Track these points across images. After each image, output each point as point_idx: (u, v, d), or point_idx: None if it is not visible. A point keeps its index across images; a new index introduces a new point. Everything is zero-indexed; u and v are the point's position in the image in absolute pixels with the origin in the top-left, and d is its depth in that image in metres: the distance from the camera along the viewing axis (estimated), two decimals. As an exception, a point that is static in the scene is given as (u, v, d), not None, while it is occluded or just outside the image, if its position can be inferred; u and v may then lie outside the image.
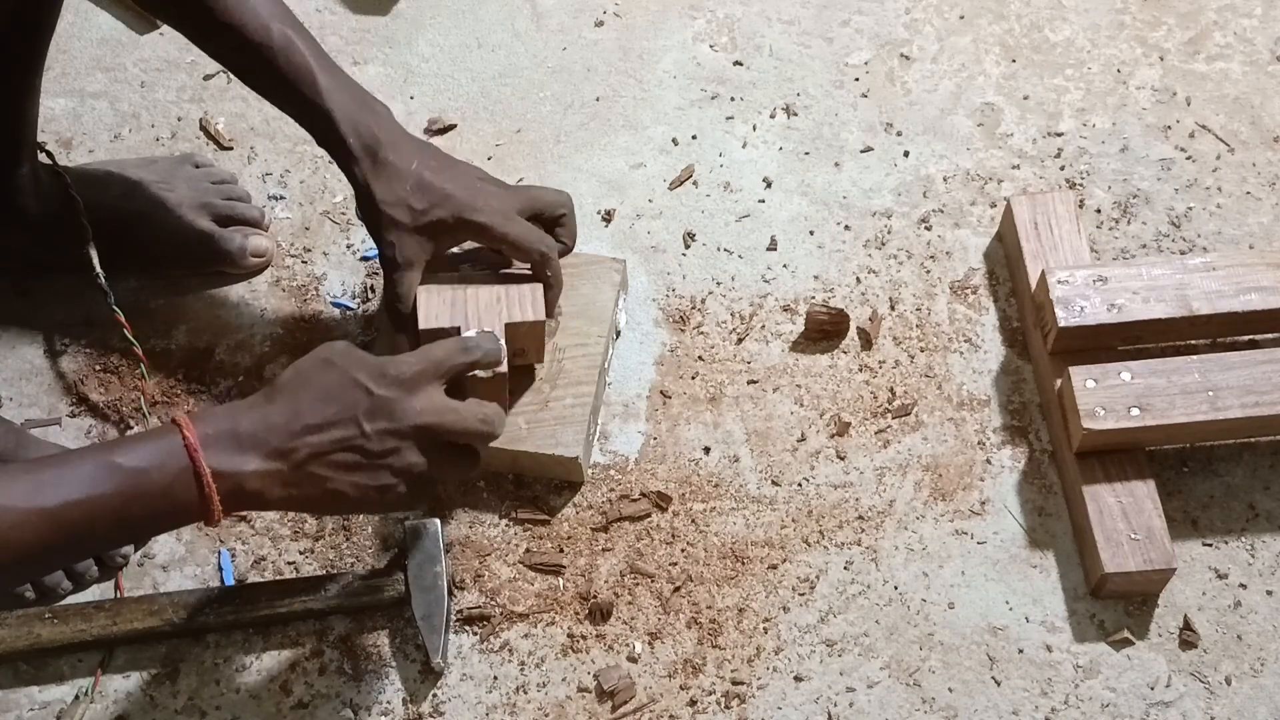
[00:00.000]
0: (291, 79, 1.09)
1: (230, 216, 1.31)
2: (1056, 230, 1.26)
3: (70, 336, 1.30)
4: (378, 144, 1.10)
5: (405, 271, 1.12)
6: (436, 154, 1.14)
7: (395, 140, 1.11)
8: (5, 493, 0.81)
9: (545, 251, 1.14)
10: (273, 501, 0.90)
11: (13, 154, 1.22)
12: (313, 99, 1.09)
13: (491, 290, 1.15)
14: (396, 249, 1.11)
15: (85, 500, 0.83)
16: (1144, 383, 1.14)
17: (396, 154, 1.10)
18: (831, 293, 1.30)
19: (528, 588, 1.16)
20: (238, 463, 0.88)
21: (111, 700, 1.13)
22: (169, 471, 0.86)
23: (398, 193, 1.10)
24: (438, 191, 1.11)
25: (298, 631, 1.15)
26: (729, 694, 1.12)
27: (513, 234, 1.12)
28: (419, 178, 1.10)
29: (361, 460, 0.91)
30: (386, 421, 0.91)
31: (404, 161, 1.10)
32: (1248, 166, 1.36)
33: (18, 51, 1.16)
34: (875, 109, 1.41)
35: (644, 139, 1.40)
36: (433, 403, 0.94)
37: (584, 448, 1.18)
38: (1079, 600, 1.14)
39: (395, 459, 0.92)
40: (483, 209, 1.12)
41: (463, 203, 1.11)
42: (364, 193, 1.11)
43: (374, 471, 0.92)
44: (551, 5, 1.49)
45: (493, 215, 1.12)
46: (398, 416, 0.92)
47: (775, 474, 1.21)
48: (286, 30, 1.08)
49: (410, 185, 1.10)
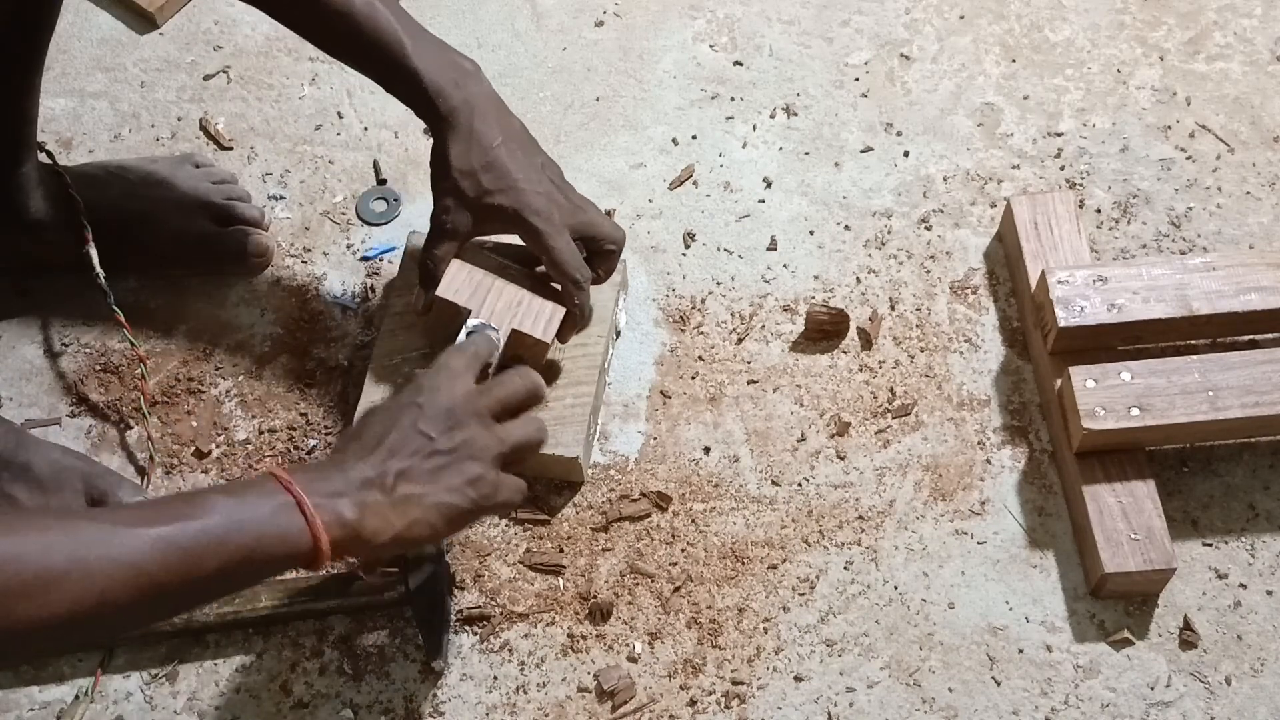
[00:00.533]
0: (377, 42, 1.08)
1: (230, 216, 1.31)
2: (1056, 230, 1.26)
3: (70, 336, 1.30)
4: (466, 108, 1.09)
5: (446, 239, 1.12)
6: (521, 136, 1.13)
7: (485, 109, 1.10)
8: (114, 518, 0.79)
9: (580, 280, 1.13)
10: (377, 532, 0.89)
11: (13, 154, 1.22)
12: (399, 60, 1.08)
13: (516, 293, 1.15)
14: (449, 215, 1.11)
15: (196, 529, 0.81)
16: (1144, 383, 1.14)
17: (484, 125, 1.09)
18: (831, 293, 1.30)
19: (528, 588, 1.16)
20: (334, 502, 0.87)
21: (111, 700, 1.13)
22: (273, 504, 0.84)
23: (472, 164, 1.09)
24: (509, 178, 1.10)
25: (298, 631, 1.15)
26: (729, 694, 1.12)
27: (557, 250, 1.12)
28: (496, 157, 1.10)
29: (443, 460, 0.93)
30: (441, 412, 0.94)
31: (488, 136, 1.09)
32: (1248, 166, 1.36)
33: (18, 51, 1.16)
34: (875, 109, 1.41)
35: (644, 139, 1.40)
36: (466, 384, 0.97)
37: (584, 448, 1.18)
38: (1079, 600, 1.14)
39: (471, 446, 0.94)
40: (543, 213, 1.11)
41: (525, 200, 1.10)
42: (441, 154, 1.10)
43: (459, 465, 0.93)
44: (551, 5, 1.49)
45: (549, 224, 1.11)
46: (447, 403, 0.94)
47: (775, 474, 1.21)
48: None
49: (486, 161, 1.09)
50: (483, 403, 0.97)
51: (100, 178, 1.30)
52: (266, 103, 1.44)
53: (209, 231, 1.30)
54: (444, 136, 1.10)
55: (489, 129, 1.10)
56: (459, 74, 1.10)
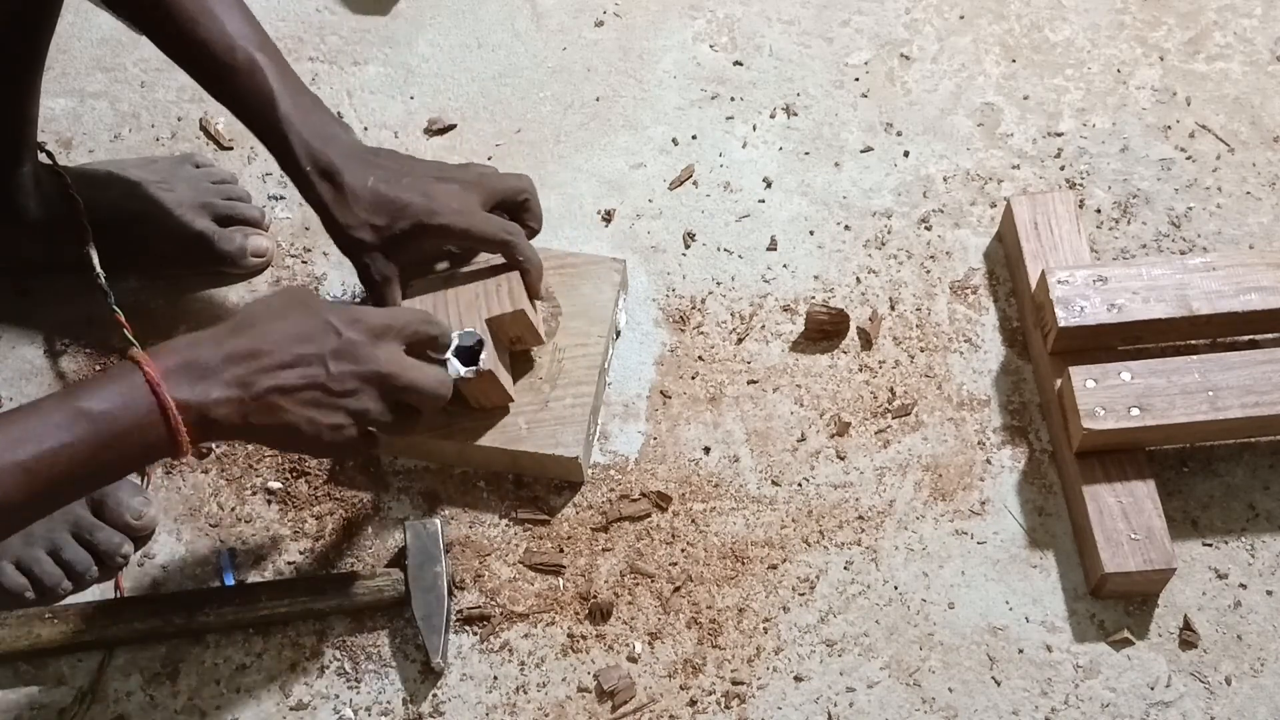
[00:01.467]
0: (253, 103, 1.09)
1: (230, 216, 1.31)
2: (1056, 230, 1.26)
3: (70, 336, 1.30)
4: (333, 169, 1.10)
5: (385, 288, 1.14)
6: (390, 162, 1.14)
7: (349, 162, 1.11)
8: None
9: (508, 237, 1.14)
10: (233, 429, 0.93)
11: (13, 154, 1.22)
12: (272, 124, 1.09)
13: (471, 288, 1.16)
14: (371, 268, 1.13)
15: (58, 449, 0.85)
16: (1144, 383, 1.14)
17: (351, 175, 1.11)
18: (831, 293, 1.30)
19: (528, 588, 1.16)
20: (200, 392, 0.90)
21: (112, 700, 1.13)
22: (136, 411, 0.88)
23: (358, 215, 1.11)
24: (395, 204, 1.11)
25: (298, 631, 1.15)
26: (729, 694, 1.12)
27: (474, 228, 1.13)
28: (375, 194, 1.11)
29: (321, 397, 0.95)
30: (351, 364, 0.96)
31: (358, 181, 1.11)
32: (1248, 166, 1.36)
33: (18, 51, 1.16)
34: (875, 109, 1.41)
35: (644, 139, 1.40)
36: (396, 355, 1.00)
37: (584, 448, 1.18)
38: (1079, 600, 1.14)
39: (352, 401, 0.97)
40: (440, 211, 1.12)
41: (420, 209, 1.11)
42: (327, 218, 1.12)
43: (329, 411, 0.96)
44: (551, 5, 1.49)
45: (450, 215, 1.12)
46: (363, 360, 0.97)
47: (775, 474, 1.21)
48: (251, 52, 1.08)
49: (368, 204, 1.11)
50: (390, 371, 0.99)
51: (100, 178, 1.30)
52: (266, 103, 1.44)
53: (209, 231, 1.30)
54: (322, 202, 1.11)
55: (357, 176, 1.11)
56: (324, 140, 1.11)
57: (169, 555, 1.19)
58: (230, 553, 1.19)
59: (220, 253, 1.31)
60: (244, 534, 1.20)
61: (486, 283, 1.16)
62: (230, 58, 1.08)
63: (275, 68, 1.10)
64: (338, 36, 1.47)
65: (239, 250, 1.30)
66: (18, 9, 1.12)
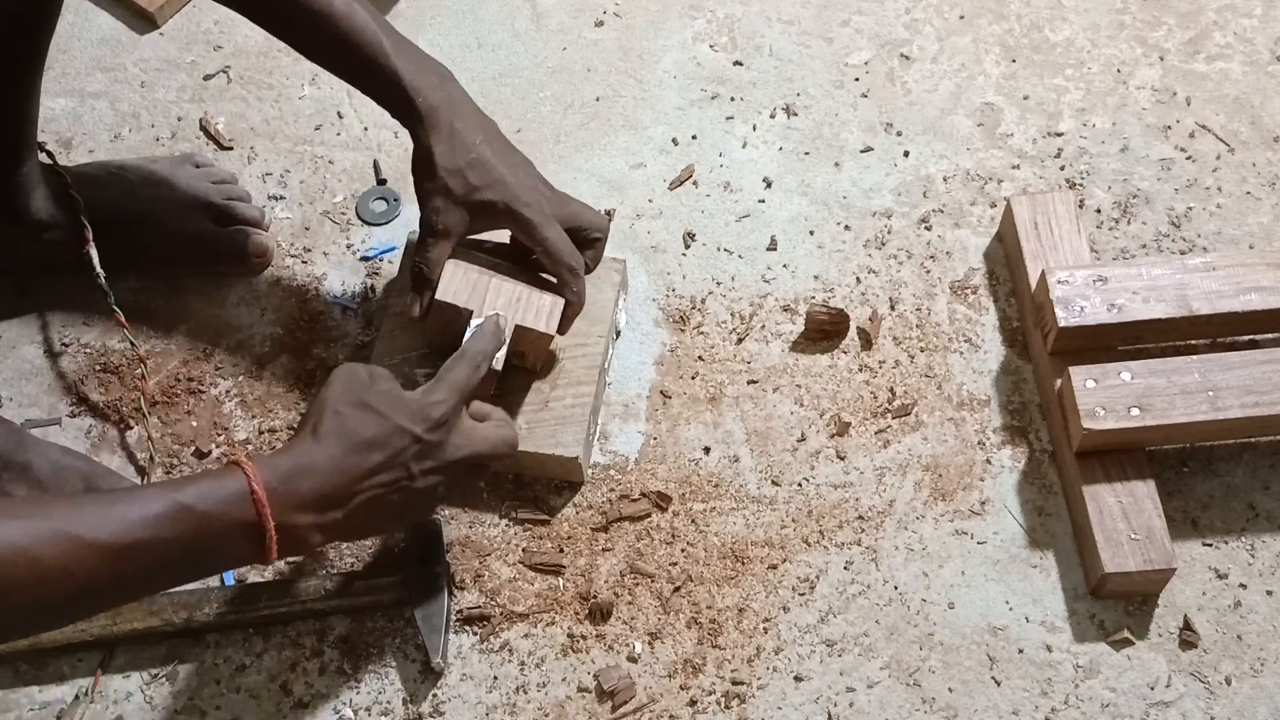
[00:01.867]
0: (356, 43, 1.08)
1: (231, 216, 1.31)
2: (1056, 230, 1.26)
3: (70, 336, 1.30)
4: (446, 109, 1.10)
5: (440, 240, 1.13)
6: (500, 136, 1.14)
7: (464, 110, 1.11)
8: (73, 522, 0.81)
9: (575, 267, 1.14)
10: (321, 544, 0.95)
11: (13, 154, 1.22)
12: (379, 61, 1.08)
13: (515, 288, 1.15)
14: (440, 215, 1.12)
15: (151, 540, 0.84)
16: (1144, 383, 1.14)
17: (464, 124, 1.10)
18: (831, 293, 1.30)
19: (528, 588, 1.16)
20: (297, 517, 0.91)
21: (111, 700, 1.13)
22: (235, 521, 0.88)
23: (458, 162, 1.10)
24: (495, 173, 1.11)
25: (298, 631, 1.15)
26: (729, 694, 1.12)
27: (551, 240, 1.13)
28: (481, 154, 1.11)
29: (404, 496, 0.97)
30: (432, 462, 0.97)
31: (470, 134, 1.10)
32: (1248, 166, 1.36)
33: (18, 51, 1.16)
34: (875, 109, 1.41)
35: (644, 139, 1.40)
36: (468, 438, 1.00)
37: (584, 448, 1.18)
38: (1079, 600, 1.14)
39: (433, 491, 0.99)
40: (531, 205, 1.12)
41: (514, 193, 1.11)
42: (424, 154, 1.11)
43: (416, 501, 0.98)
44: (551, 5, 1.49)
45: (540, 215, 1.12)
46: (443, 456, 0.98)
47: (775, 474, 1.21)
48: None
49: (471, 159, 1.10)
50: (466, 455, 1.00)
51: (101, 178, 1.30)
52: (266, 103, 1.44)
53: (209, 231, 1.30)
54: (425, 137, 1.10)
55: (469, 127, 1.11)
56: (437, 75, 1.11)
57: (169, 555, 1.19)
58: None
59: (221, 253, 1.31)
60: (244, 534, 1.20)
61: (532, 292, 1.15)
62: (326, 6, 1.07)
63: (370, 12, 1.09)
64: (338, 36, 1.47)
65: (239, 250, 1.30)
66: (18, 9, 1.12)
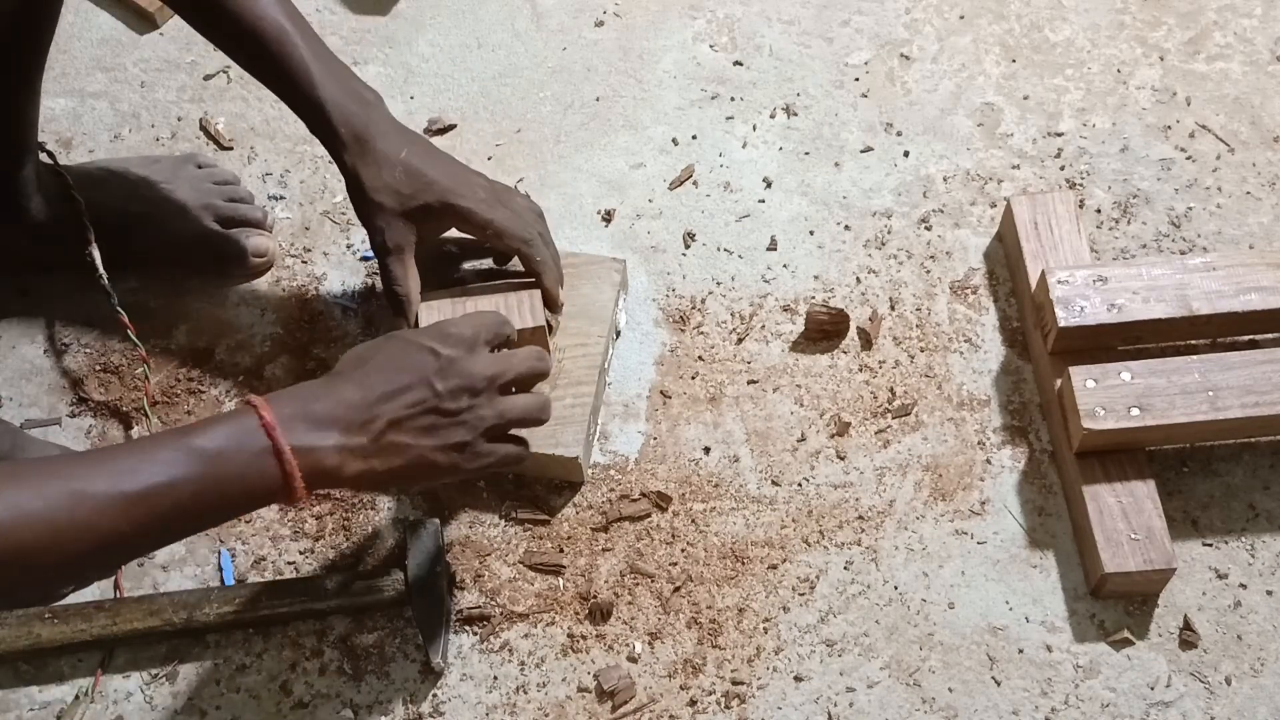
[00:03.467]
0: (285, 70, 1.10)
1: (233, 218, 1.31)
2: (1056, 230, 1.26)
3: (71, 336, 1.30)
4: (367, 133, 1.11)
5: (396, 256, 1.14)
6: (425, 144, 1.16)
7: (385, 129, 1.13)
8: (87, 479, 0.81)
9: (529, 238, 1.16)
10: (355, 476, 0.92)
11: (14, 154, 1.22)
12: (305, 90, 1.10)
13: (491, 300, 1.16)
14: (385, 234, 1.14)
15: (167, 484, 0.83)
16: (1144, 383, 1.14)
17: (385, 142, 1.12)
18: (831, 293, 1.30)
19: (528, 588, 1.16)
20: (316, 439, 0.89)
21: (111, 700, 1.13)
22: (249, 451, 0.87)
23: (385, 179, 1.12)
24: (424, 178, 1.13)
25: (298, 631, 1.15)
26: (729, 694, 1.12)
27: (497, 220, 1.14)
28: (407, 165, 1.12)
29: (439, 420, 0.95)
30: (458, 379, 0.97)
31: (393, 149, 1.12)
32: (1248, 166, 1.36)
33: (18, 52, 1.16)
34: (875, 109, 1.41)
35: (644, 139, 1.40)
36: (492, 356, 1.01)
37: (584, 448, 1.18)
38: (1079, 600, 1.14)
39: (470, 415, 0.97)
40: (466, 195, 1.14)
41: (448, 188, 1.13)
42: (353, 180, 1.13)
43: (452, 429, 0.96)
44: (551, 5, 1.49)
45: (476, 202, 1.14)
46: (467, 372, 0.97)
47: (775, 474, 1.21)
48: (281, 20, 1.09)
49: (398, 172, 1.12)
50: (494, 372, 0.99)
51: (102, 178, 1.30)
52: (266, 103, 1.44)
53: (211, 232, 1.30)
54: (352, 165, 1.12)
55: (391, 144, 1.12)
56: (359, 103, 1.12)
57: (169, 555, 1.19)
58: (230, 553, 1.19)
59: (223, 254, 1.31)
60: (244, 534, 1.20)
61: (507, 296, 1.17)
62: (259, 26, 1.09)
63: (303, 35, 1.11)
64: (338, 36, 1.47)
65: (241, 252, 1.30)
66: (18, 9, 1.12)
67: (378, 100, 1.15)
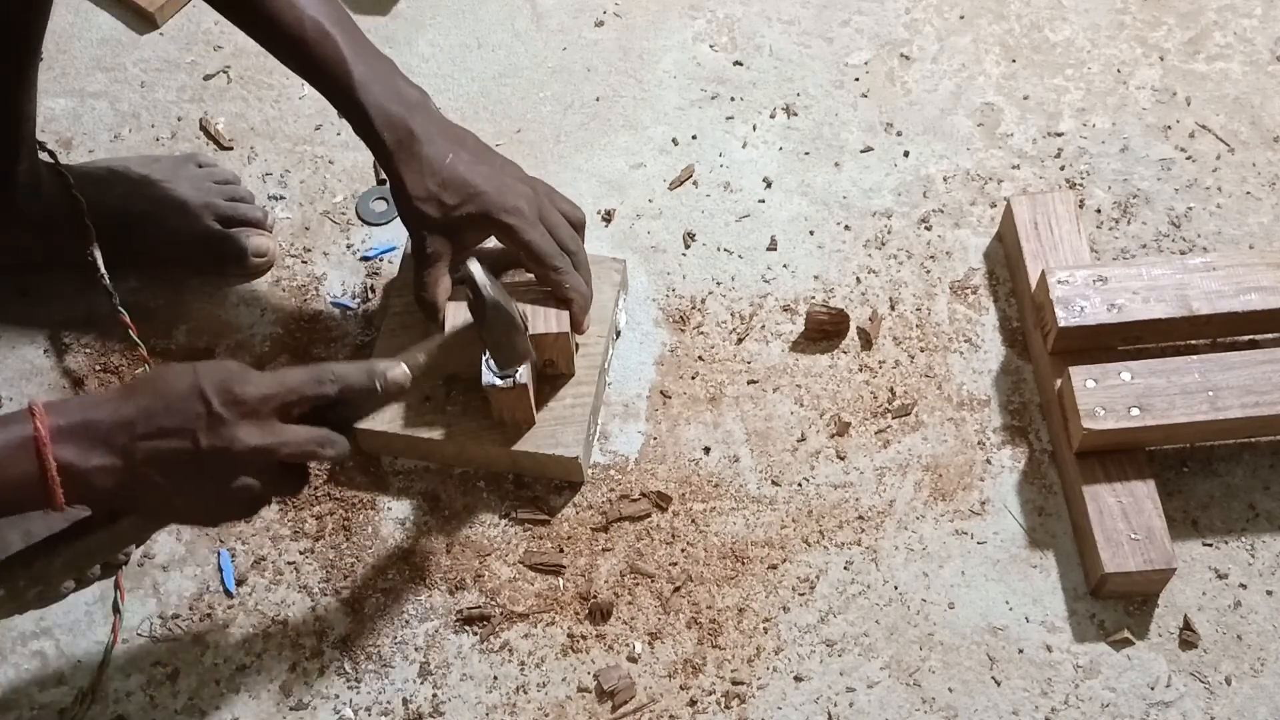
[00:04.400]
0: (326, 72, 1.09)
1: (233, 217, 1.31)
2: (1056, 230, 1.26)
3: (71, 336, 1.30)
4: (411, 137, 1.10)
5: (433, 265, 1.13)
6: (473, 145, 1.15)
7: (430, 133, 1.11)
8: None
9: (559, 265, 1.14)
10: (112, 494, 0.90)
11: (12, 152, 1.22)
12: (347, 92, 1.09)
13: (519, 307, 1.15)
14: (426, 242, 1.13)
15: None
16: (1144, 383, 1.14)
17: (431, 147, 1.11)
18: (831, 293, 1.30)
19: (528, 588, 1.16)
20: (83, 457, 0.88)
21: (112, 700, 1.13)
22: (17, 463, 0.87)
23: (429, 187, 1.11)
24: (469, 187, 1.11)
25: (298, 632, 1.15)
26: (729, 694, 1.12)
27: (534, 242, 1.13)
28: (452, 172, 1.11)
29: (195, 473, 0.91)
30: (220, 442, 0.90)
31: (438, 155, 1.11)
32: (1248, 166, 1.36)
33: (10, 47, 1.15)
34: (875, 109, 1.41)
35: (644, 139, 1.40)
36: (266, 430, 0.92)
37: (584, 448, 1.18)
38: (1079, 600, 1.14)
39: (228, 480, 0.92)
40: (511, 210, 1.12)
41: (491, 202, 1.12)
42: (397, 186, 1.12)
43: (205, 487, 0.92)
44: (551, 5, 1.49)
45: (519, 219, 1.12)
46: (230, 440, 0.90)
47: (775, 474, 1.21)
48: (320, 21, 1.08)
49: (442, 180, 1.11)
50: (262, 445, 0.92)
51: (103, 178, 1.30)
52: (266, 103, 1.44)
53: (211, 232, 1.30)
54: (395, 169, 1.11)
55: (436, 150, 1.11)
56: (404, 106, 1.11)
57: (169, 555, 1.19)
58: (230, 553, 1.19)
59: (223, 253, 1.31)
60: (244, 534, 1.20)
61: (535, 307, 1.15)
62: (299, 30, 1.08)
63: (346, 35, 1.10)
64: (338, 36, 1.47)
65: (241, 252, 1.30)
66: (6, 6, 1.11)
67: (423, 99, 1.13)
